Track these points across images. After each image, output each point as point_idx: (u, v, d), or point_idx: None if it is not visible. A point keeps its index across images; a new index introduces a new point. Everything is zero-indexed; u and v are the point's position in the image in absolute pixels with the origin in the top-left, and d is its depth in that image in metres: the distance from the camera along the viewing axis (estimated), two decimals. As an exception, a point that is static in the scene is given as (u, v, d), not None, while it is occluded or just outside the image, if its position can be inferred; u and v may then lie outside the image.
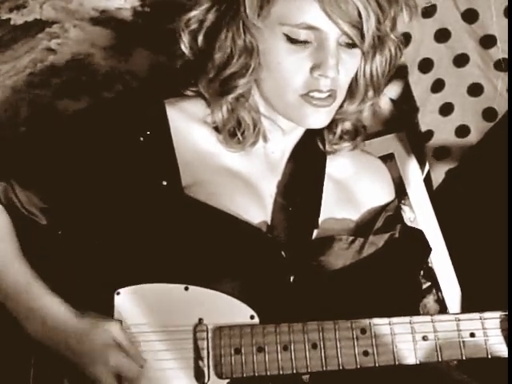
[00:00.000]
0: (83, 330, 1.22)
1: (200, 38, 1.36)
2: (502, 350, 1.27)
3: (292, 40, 1.27)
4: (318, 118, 1.33)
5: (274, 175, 1.42)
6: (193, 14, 1.35)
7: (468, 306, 1.99)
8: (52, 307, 1.24)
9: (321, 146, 1.46)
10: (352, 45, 1.30)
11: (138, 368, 1.22)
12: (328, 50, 1.27)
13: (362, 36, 1.27)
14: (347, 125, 1.45)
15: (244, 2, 1.27)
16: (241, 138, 1.37)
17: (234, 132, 1.37)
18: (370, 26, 1.26)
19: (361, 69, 1.36)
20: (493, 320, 1.28)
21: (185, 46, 1.37)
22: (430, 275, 1.99)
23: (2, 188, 1.33)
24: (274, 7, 1.27)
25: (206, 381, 1.22)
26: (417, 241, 1.46)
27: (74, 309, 1.24)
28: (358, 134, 1.47)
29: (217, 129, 1.38)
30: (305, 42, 1.28)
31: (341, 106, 1.38)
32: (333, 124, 1.41)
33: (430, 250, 1.49)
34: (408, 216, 1.93)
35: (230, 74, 1.32)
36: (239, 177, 1.38)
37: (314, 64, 1.28)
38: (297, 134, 1.43)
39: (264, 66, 1.32)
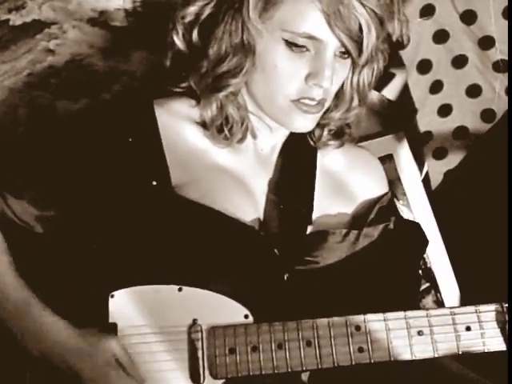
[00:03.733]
0: (83, 349, 1.21)
1: (195, 32, 1.34)
2: (498, 344, 1.25)
3: (291, 46, 1.27)
4: (305, 123, 1.34)
5: (265, 172, 1.42)
6: (190, 9, 1.33)
7: (467, 307, 1.99)
8: (51, 326, 1.23)
9: (310, 142, 1.46)
10: (345, 55, 1.30)
11: None
12: (325, 60, 1.27)
13: (359, 49, 1.28)
14: (332, 127, 1.45)
15: (248, 3, 1.27)
16: (228, 135, 1.37)
17: (222, 128, 1.37)
18: (369, 41, 1.27)
19: (348, 78, 1.36)
20: (489, 313, 1.26)
21: (178, 39, 1.36)
22: (429, 276, 1.99)
23: None
24: (277, 12, 1.26)
25: (201, 381, 1.22)
26: (413, 233, 1.46)
27: (72, 326, 1.23)
28: (344, 133, 1.47)
29: (204, 125, 1.38)
30: (303, 50, 1.28)
31: (326, 112, 1.38)
32: (319, 125, 1.41)
33: (427, 241, 1.48)
34: (406, 217, 1.93)
35: (222, 72, 1.32)
36: (231, 174, 1.38)
37: (309, 72, 1.29)
38: (284, 131, 1.43)
39: (259, 67, 1.31)
